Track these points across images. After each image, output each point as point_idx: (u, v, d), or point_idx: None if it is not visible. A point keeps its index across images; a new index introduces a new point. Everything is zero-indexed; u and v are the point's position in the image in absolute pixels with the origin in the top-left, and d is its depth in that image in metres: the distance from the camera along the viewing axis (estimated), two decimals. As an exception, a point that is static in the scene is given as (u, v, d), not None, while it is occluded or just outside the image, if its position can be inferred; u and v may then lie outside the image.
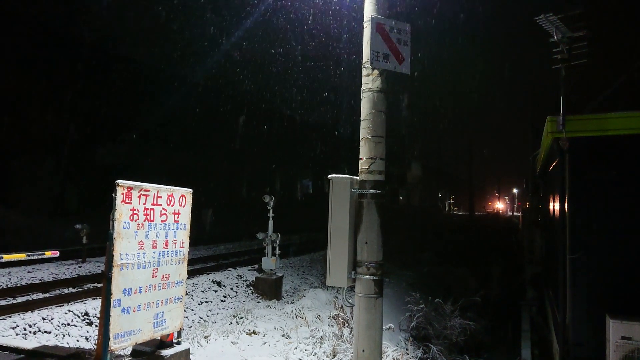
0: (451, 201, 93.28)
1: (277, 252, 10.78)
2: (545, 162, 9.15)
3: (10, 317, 7.21)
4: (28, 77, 19.08)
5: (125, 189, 4.46)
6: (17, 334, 6.66)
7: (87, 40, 21.97)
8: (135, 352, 5.04)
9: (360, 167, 4.86)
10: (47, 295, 9.26)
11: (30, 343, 5.93)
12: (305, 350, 6.60)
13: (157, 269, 4.86)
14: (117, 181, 4.40)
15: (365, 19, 4.85)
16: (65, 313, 7.51)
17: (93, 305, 7.98)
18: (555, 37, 6.07)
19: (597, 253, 5.64)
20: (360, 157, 4.85)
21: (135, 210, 4.56)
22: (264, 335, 7.30)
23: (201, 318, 9.03)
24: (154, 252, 4.82)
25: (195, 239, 11.14)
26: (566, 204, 5.92)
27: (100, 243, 13.23)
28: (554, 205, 7.45)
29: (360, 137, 4.85)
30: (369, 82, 4.82)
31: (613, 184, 5.68)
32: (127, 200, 4.47)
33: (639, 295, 5.33)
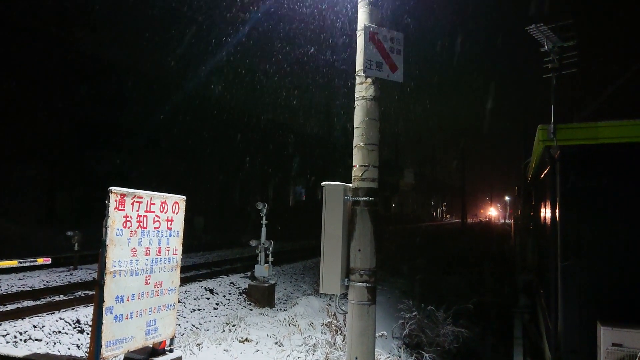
0: (443, 208, 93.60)
1: (270, 259, 10.76)
2: (536, 170, 9.22)
3: (0, 324, 7.14)
4: (20, 84, 19.00)
5: (119, 196, 4.45)
6: (7, 342, 6.60)
7: (80, 47, 21.94)
8: (127, 360, 5.01)
9: (353, 175, 4.88)
10: (38, 302, 9.18)
11: (21, 351, 5.88)
12: (298, 357, 6.59)
13: (149, 276, 4.84)
14: (110, 188, 4.39)
15: (358, 28, 4.89)
16: (57, 321, 7.45)
17: (84, 313, 7.93)
18: (546, 47, 6.15)
19: (589, 260, 5.68)
20: (354, 164, 4.87)
21: (128, 217, 4.55)
22: (256, 343, 7.28)
23: (193, 325, 8.99)
24: (147, 260, 4.80)
25: (188, 246, 11.10)
26: (557, 212, 5.97)
27: (92, 250, 13.25)
28: (546, 213, 7.50)
29: (354, 145, 4.87)
30: (362, 90, 4.86)
31: (603, 192, 5.73)
32: (120, 207, 4.46)
33: (630, 302, 5.37)
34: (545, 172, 7.22)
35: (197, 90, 28.05)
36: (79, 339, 7.30)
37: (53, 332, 7.18)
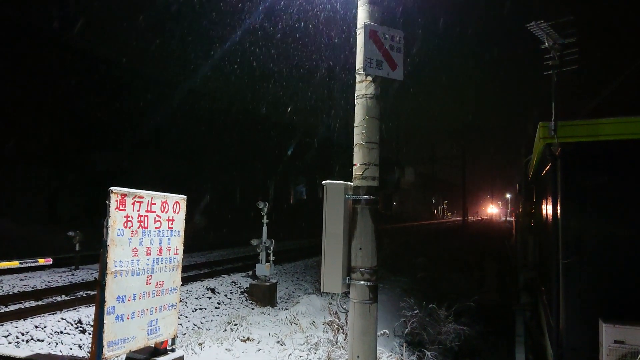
0: (445, 207, 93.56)
1: (272, 258, 10.76)
2: (537, 167, 9.20)
3: (2, 325, 7.15)
4: (21, 85, 19.00)
5: (119, 196, 4.45)
6: (9, 343, 6.61)
7: (80, 46, 21.94)
8: (129, 360, 5.01)
9: (354, 173, 4.87)
10: (40, 303, 9.19)
11: (23, 351, 5.88)
12: (300, 356, 6.59)
13: (151, 275, 4.84)
14: (111, 188, 4.39)
15: (358, 26, 4.88)
16: (58, 321, 7.46)
17: (86, 313, 7.93)
18: (547, 44, 6.13)
19: (590, 257, 5.67)
20: (354, 163, 4.87)
21: (129, 217, 4.55)
22: (258, 342, 7.28)
23: (195, 325, 9.00)
24: (148, 259, 4.80)
25: (189, 245, 11.08)
26: (558, 209, 5.96)
27: (93, 250, 13.25)
28: (547, 210, 7.49)
29: (354, 143, 4.87)
30: (362, 88, 4.85)
31: (605, 189, 5.72)
32: (121, 207, 4.46)
33: (632, 299, 5.36)
34: (546, 169, 7.20)
35: (197, 89, 28.04)
36: (80, 339, 7.30)
37: (55, 332, 7.19)
